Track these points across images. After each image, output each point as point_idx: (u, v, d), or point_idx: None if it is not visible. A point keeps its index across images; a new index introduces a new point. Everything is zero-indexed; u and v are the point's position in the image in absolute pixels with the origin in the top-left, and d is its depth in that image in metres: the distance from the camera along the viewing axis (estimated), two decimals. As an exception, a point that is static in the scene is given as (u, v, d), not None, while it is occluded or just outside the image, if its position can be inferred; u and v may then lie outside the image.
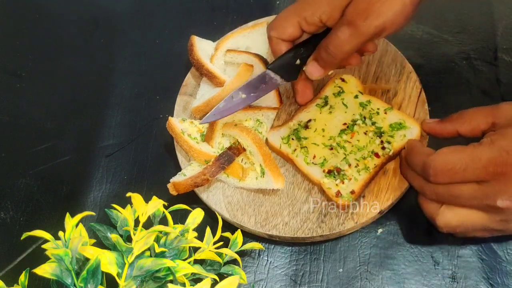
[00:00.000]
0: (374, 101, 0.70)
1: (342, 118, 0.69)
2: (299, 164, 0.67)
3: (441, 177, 0.55)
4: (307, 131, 0.69)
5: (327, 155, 0.67)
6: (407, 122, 0.68)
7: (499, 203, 0.53)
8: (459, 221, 0.57)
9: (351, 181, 0.65)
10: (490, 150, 0.53)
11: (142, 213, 0.56)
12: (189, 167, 0.69)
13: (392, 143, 0.67)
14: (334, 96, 0.71)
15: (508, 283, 0.61)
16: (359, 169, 0.65)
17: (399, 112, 0.69)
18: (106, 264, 0.52)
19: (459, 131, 0.60)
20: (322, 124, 0.69)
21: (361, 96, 0.71)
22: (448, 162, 0.54)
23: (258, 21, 0.81)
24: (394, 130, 0.67)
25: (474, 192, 0.54)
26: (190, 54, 0.76)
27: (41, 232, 0.56)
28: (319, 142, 0.68)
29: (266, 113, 0.72)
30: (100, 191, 0.72)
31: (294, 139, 0.68)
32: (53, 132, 0.78)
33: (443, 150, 0.56)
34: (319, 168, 0.66)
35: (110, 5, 0.91)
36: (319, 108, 0.70)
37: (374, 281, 0.62)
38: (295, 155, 0.67)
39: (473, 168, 0.53)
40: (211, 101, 0.72)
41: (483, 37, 0.78)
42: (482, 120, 0.58)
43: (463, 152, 0.54)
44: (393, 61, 0.74)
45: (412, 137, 0.67)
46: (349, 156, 0.66)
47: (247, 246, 0.61)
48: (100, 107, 0.80)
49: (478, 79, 0.75)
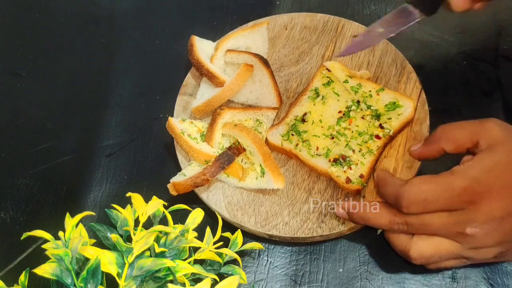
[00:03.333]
0: (364, 83, 0.71)
1: (336, 107, 0.70)
2: (304, 158, 0.67)
3: (414, 207, 0.55)
4: (305, 125, 0.69)
5: (330, 144, 0.67)
6: (400, 100, 0.69)
7: (468, 230, 0.54)
8: (432, 249, 0.57)
9: (358, 166, 0.65)
10: (461, 179, 0.53)
11: (142, 213, 0.56)
12: (189, 167, 0.69)
13: (390, 123, 0.67)
14: (324, 86, 0.71)
15: (508, 283, 0.61)
16: (363, 153, 0.66)
17: (391, 91, 0.70)
18: (106, 264, 0.52)
19: (445, 150, 0.60)
20: (318, 115, 0.70)
21: (350, 80, 0.71)
22: (421, 192, 0.54)
23: (258, 21, 0.81)
24: (390, 110, 0.68)
25: (444, 220, 0.55)
26: (190, 54, 0.76)
27: (41, 232, 0.56)
28: (319, 133, 0.68)
29: (266, 113, 0.72)
30: (100, 191, 0.72)
31: (294, 134, 0.69)
32: (53, 132, 0.78)
33: (414, 180, 0.56)
34: (324, 158, 0.66)
35: (110, 5, 0.91)
36: (312, 100, 0.71)
37: (374, 281, 0.62)
38: (298, 150, 0.68)
39: (445, 198, 0.54)
40: (211, 101, 0.72)
41: (484, 38, 0.78)
42: (467, 139, 0.57)
43: (435, 182, 0.54)
44: (393, 62, 0.74)
45: (407, 114, 0.68)
46: (351, 142, 0.67)
47: (247, 246, 0.61)
48: (100, 107, 0.80)
49: (479, 80, 0.75)
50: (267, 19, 0.81)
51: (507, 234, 0.54)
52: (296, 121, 0.70)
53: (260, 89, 0.74)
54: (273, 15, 0.82)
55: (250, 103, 0.74)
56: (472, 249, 0.56)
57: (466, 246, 0.56)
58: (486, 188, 0.53)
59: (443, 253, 0.57)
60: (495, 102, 0.72)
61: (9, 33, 0.90)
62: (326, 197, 0.66)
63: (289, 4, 0.87)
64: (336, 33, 0.79)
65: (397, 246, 0.59)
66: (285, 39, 0.79)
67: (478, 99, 0.73)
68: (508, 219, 0.53)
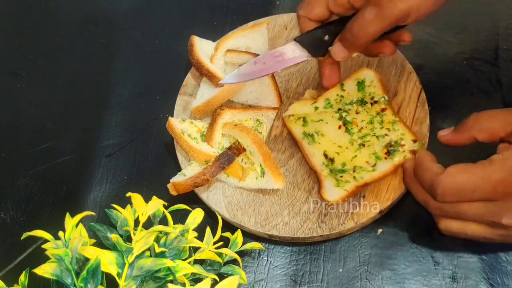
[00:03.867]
0: (330, 97, 0.71)
1: (332, 129, 0.69)
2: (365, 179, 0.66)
3: (449, 197, 0.55)
4: (334, 163, 0.67)
5: (365, 151, 0.66)
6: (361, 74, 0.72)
7: (505, 221, 0.54)
8: (460, 229, 0.57)
9: (405, 139, 0.66)
10: (500, 170, 0.53)
11: (142, 213, 0.56)
12: (189, 167, 0.69)
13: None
14: (305, 127, 0.70)
15: (508, 283, 0.61)
16: (395, 128, 0.67)
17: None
18: (106, 264, 0.52)
19: (477, 138, 0.59)
20: (329, 146, 0.68)
21: (318, 103, 0.71)
22: (457, 183, 0.54)
23: (258, 21, 0.81)
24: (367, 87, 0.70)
25: (480, 210, 0.55)
26: (190, 54, 0.76)
27: (41, 232, 0.56)
28: (348, 158, 0.67)
29: (266, 113, 0.72)
30: (100, 191, 0.72)
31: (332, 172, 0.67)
32: (53, 132, 0.78)
33: (451, 170, 0.55)
34: (372, 154, 0.66)
35: (110, 5, 0.91)
36: (312, 143, 0.68)
37: (374, 281, 0.62)
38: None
39: (482, 189, 0.53)
40: (211, 101, 0.72)
41: (484, 37, 0.78)
42: (501, 128, 0.57)
43: (473, 172, 0.54)
44: (393, 62, 0.74)
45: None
46: (376, 131, 0.67)
47: (247, 246, 0.61)
48: (100, 107, 0.80)
49: (479, 79, 0.75)
50: (267, 19, 0.81)
51: None
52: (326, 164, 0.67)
53: (260, 89, 0.74)
54: (273, 15, 0.81)
55: (250, 103, 0.74)
56: (503, 236, 0.56)
57: (498, 232, 0.56)
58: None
59: (469, 233, 0.57)
60: (495, 102, 0.72)
61: (9, 33, 0.90)
62: None
63: (289, 4, 0.86)
64: (336, 33, 0.78)
65: (429, 209, 0.59)
66: (285, 39, 0.79)
67: (478, 99, 0.73)
68: None
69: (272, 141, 0.71)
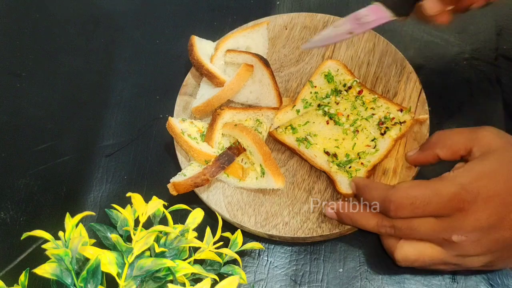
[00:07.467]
0: (305, 96, 0.72)
1: (320, 124, 0.69)
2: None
3: (402, 211, 0.54)
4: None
5: (361, 136, 0.68)
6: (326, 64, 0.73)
7: (455, 238, 0.53)
8: (417, 255, 0.56)
9: (392, 112, 0.68)
10: (450, 186, 0.53)
11: (142, 213, 0.56)
12: (189, 167, 0.69)
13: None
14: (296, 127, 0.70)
15: (508, 283, 0.61)
16: (378, 105, 0.69)
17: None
18: (106, 264, 0.52)
19: (440, 156, 0.59)
20: (322, 139, 0.68)
21: (296, 106, 0.72)
22: (410, 197, 0.54)
23: (258, 21, 0.81)
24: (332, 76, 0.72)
25: (431, 226, 0.54)
26: (190, 54, 0.76)
27: (41, 232, 0.56)
28: (343, 142, 0.68)
29: (266, 113, 0.72)
30: (100, 191, 0.72)
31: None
32: (53, 132, 0.78)
33: (403, 185, 0.55)
34: (368, 137, 0.68)
35: (110, 5, 0.91)
36: (301, 142, 0.69)
37: (374, 281, 0.62)
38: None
39: (433, 203, 0.53)
40: (211, 101, 0.72)
41: (484, 37, 0.78)
42: (461, 146, 0.57)
43: (424, 187, 0.54)
44: (393, 62, 0.74)
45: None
46: (364, 116, 0.68)
47: (247, 246, 0.61)
48: (100, 107, 0.80)
49: (479, 79, 0.75)
50: (267, 19, 0.81)
51: (494, 244, 0.53)
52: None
53: (260, 89, 0.74)
54: (273, 15, 0.82)
55: (250, 103, 0.74)
56: (458, 256, 0.55)
57: (452, 253, 0.55)
58: (474, 196, 0.52)
59: (426, 259, 0.56)
60: (495, 102, 0.72)
61: (9, 33, 0.90)
62: (326, 197, 0.66)
63: (289, 4, 0.87)
64: (336, 33, 0.78)
65: (385, 246, 0.59)
66: (285, 39, 0.79)
67: (478, 99, 0.73)
68: (496, 229, 0.53)
69: (272, 141, 0.71)
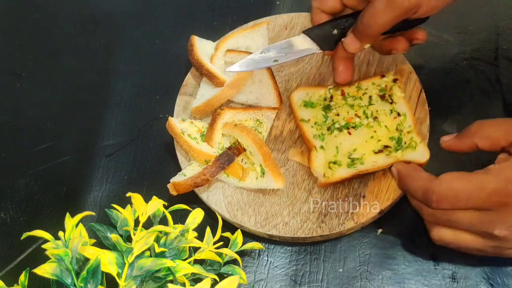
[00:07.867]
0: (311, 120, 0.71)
1: (344, 140, 0.68)
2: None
3: (444, 203, 0.54)
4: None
5: (382, 118, 0.68)
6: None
7: (497, 232, 0.53)
8: (454, 238, 0.57)
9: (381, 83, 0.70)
10: (495, 180, 0.52)
11: (142, 213, 0.56)
12: (189, 167, 0.69)
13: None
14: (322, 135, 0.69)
15: (508, 283, 0.61)
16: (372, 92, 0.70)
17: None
18: (106, 264, 0.52)
19: (478, 146, 0.58)
20: (361, 150, 0.67)
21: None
22: (453, 189, 0.53)
23: (258, 21, 0.81)
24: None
25: (473, 219, 0.54)
26: (190, 54, 0.76)
27: (41, 232, 0.56)
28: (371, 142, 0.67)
29: (266, 113, 0.72)
30: (100, 191, 0.72)
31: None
32: (53, 132, 0.78)
33: (445, 177, 0.54)
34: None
35: (110, 5, 0.91)
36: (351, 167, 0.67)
37: (374, 281, 0.62)
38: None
39: (477, 197, 0.53)
40: (211, 101, 0.72)
41: (484, 37, 0.78)
42: (502, 137, 0.56)
43: (468, 180, 0.53)
44: (393, 62, 0.74)
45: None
46: (366, 102, 0.70)
47: (247, 246, 0.61)
48: (100, 107, 0.80)
49: (479, 79, 0.75)
50: (267, 19, 0.81)
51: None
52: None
53: (260, 89, 0.74)
54: (273, 15, 0.81)
55: (250, 103, 0.74)
56: (496, 247, 0.55)
57: (491, 244, 0.55)
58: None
59: (462, 245, 0.56)
60: (495, 102, 0.72)
61: (9, 33, 0.90)
62: (326, 197, 0.66)
63: (289, 4, 0.86)
64: (336, 33, 0.78)
65: (422, 215, 0.59)
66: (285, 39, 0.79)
67: (478, 99, 0.73)
68: None
69: (272, 141, 0.71)
